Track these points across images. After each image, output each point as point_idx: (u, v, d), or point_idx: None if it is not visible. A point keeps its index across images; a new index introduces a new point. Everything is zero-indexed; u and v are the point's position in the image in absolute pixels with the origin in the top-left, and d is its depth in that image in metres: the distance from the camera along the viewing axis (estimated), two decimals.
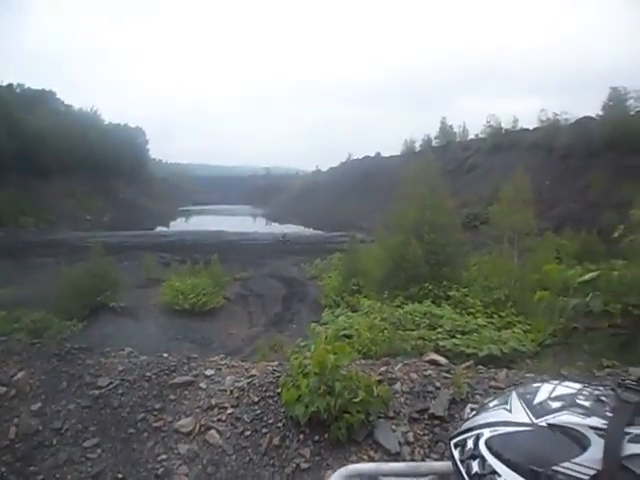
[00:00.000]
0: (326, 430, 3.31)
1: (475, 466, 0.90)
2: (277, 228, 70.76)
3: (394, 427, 3.25)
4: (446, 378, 3.54)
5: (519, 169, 28.25)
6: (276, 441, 3.40)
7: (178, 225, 72.61)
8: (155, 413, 3.74)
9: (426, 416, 3.28)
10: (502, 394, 1.00)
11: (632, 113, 55.45)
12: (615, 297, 5.96)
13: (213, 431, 3.56)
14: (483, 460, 0.89)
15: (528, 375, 3.60)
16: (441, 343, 10.86)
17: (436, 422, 3.20)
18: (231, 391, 3.85)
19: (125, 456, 3.50)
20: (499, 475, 0.86)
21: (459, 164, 67.74)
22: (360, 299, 17.76)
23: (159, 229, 63.84)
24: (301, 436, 3.38)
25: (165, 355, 4.50)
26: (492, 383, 3.46)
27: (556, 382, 0.98)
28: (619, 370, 3.55)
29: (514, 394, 0.97)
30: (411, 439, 3.16)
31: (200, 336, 21.25)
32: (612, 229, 7.47)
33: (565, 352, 8.17)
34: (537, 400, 0.92)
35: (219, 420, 3.62)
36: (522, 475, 0.84)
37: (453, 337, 11.49)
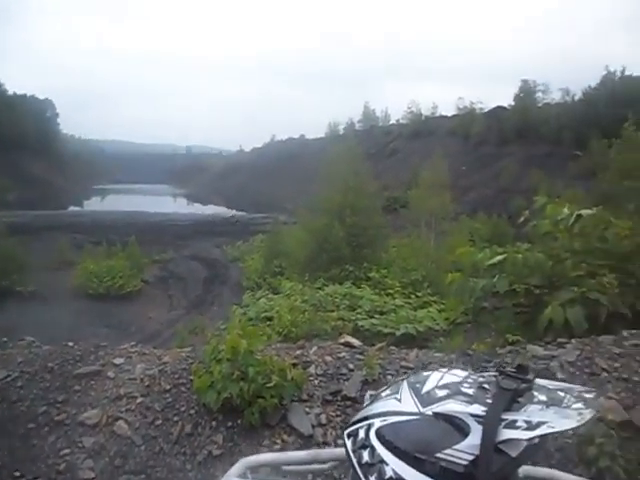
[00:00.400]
0: (239, 416, 3.27)
1: (365, 456, 0.90)
2: (199, 209, 69.15)
3: (307, 410, 3.28)
4: (359, 360, 3.61)
5: (437, 155, 29.35)
6: (188, 429, 3.32)
7: (93, 205, 68.97)
8: (58, 406, 3.53)
9: (339, 398, 3.32)
10: (394, 383, 1.01)
11: (540, 105, 59.12)
12: (519, 278, 6.34)
13: (121, 422, 3.42)
14: (373, 449, 0.90)
15: (436, 354, 3.75)
16: (360, 323, 11.13)
17: (348, 403, 3.26)
18: (141, 379, 3.71)
19: (24, 452, 3.28)
20: (387, 464, 0.87)
21: (381, 148, 69.20)
22: (282, 281, 17.79)
23: (72, 209, 60.34)
24: (214, 423, 3.33)
25: (70, 344, 4.25)
26: (403, 363, 3.57)
27: (444, 370, 1.00)
28: (519, 347, 3.78)
29: (405, 383, 0.99)
30: (324, 421, 3.20)
31: (116, 321, 20.44)
32: (519, 214, 7.90)
33: (475, 330, 8.61)
34: (425, 389, 0.94)
35: (128, 410, 3.47)
36: (408, 463, 0.85)
37: (372, 317, 11.81)
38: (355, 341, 3.99)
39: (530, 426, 0.82)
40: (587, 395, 0.91)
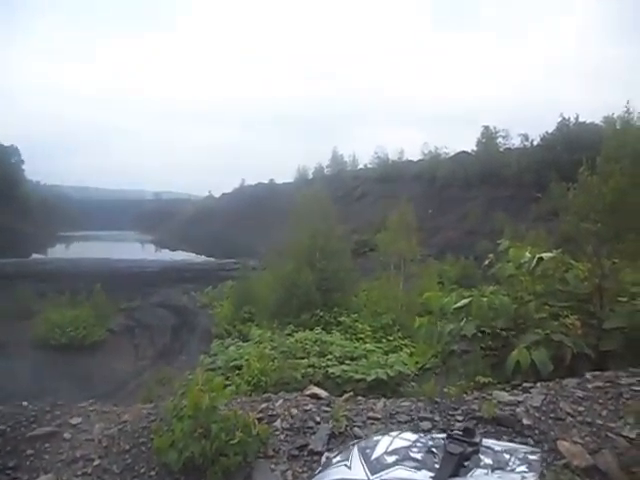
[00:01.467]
0: (202, 475, 3.14)
1: None
2: (168, 255, 68.27)
3: (273, 466, 3.17)
4: (326, 412, 3.54)
5: (404, 198, 29.97)
6: None
7: (57, 252, 67.43)
8: (8, 472, 3.32)
9: (305, 452, 3.23)
10: (346, 449, 1.01)
11: (501, 149, 61.50)
12: (485, 321, 6.42)
13: None
14: None
15: (404, 404, 3.71)
16: (331, 370, 10.97)
17: (315, 458, 3.17)
18: (99, 440, 3.54)
19: None
20: None
21: (349, 192, 70.37)
22: (252, 328, 17.54)
23: (35, 256, 58.77)
24: None
25: (25, 403, 4.05)
26: (370, 414, 3.52)
27: (395, 434, 1.00)
28: (485, 394, 3.78)
29: (355, 449, 0.98)
30: (290, 478, 3.10)
31: (79, 373, 19.63)
32: (485, 256, 8.05)
33: (444, 374, 8.57)
34: (375, 455, 0.94)
35: (84, 474, 3.29)
36: None
37: (342, 363, 11.66)
38: (322, 392, 3.92)
39: None
40: (532, 457, 0.92)
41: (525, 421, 3.24)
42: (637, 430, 2.90)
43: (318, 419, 3.47)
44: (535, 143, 57.42)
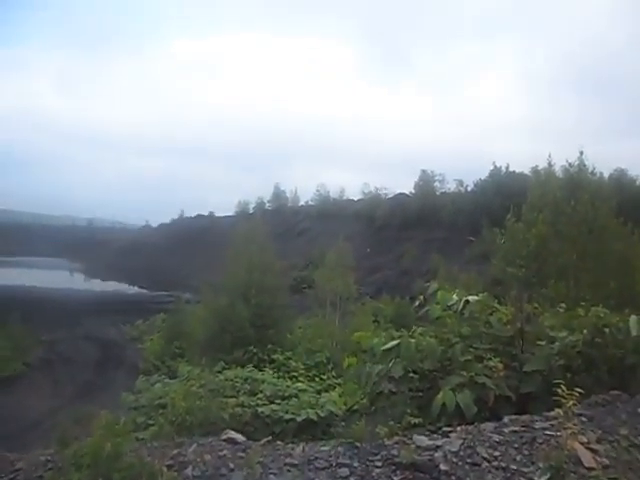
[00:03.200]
0: None
1: None
2: (98, 285, 65.35)
3: None
4: (241, 457, 3.37)
5: (342, 237, 30.34)
6: None
7: None
8: None
9: None
10: None
11: (438, 193, 64.05)
12: (413, 362, 6.45)
13: None
14: None
15: (323, 449, 3.59)
16: (260, 409, 10.64)
17: None
18: None
19: None
20: None
21: (290, 228, 70.61)
22: (181, 364, 16.87)
23: None
24: None
25: None
26: (287, 460, 3.37)
27: None
28: (406, 438, 3.73)
29: None
30: None
31: None
32: (419, 296, 8.15)
33: (373, 415, 8.50)
34: None
35: None
36: None
37: (273, 402, 11.35)
38: (239, 436, 3.74)
39: None
40: None
41: (442, 467, 3.21)
42: (546, 477, 2.93)
43: (232, 466, 3.29)
44: (469, 189, 60.26)
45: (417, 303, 7.88)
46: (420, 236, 54.63)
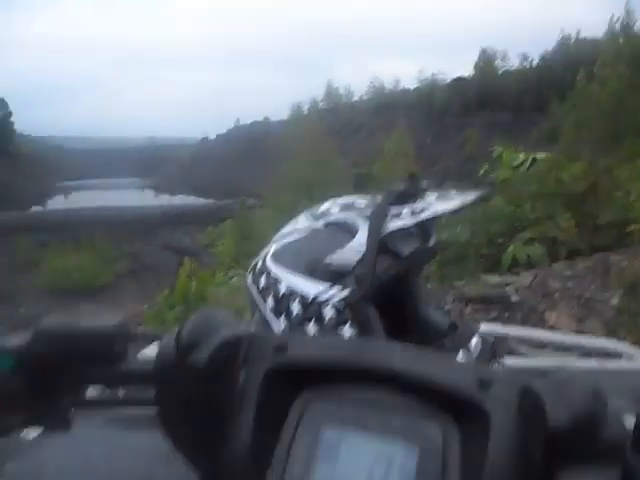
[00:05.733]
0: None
1: (262, 281, 0.90)
2: (167, 200, 68.14)
3: None
4: None
5: (401, 128, 29.43)
6: None
7: (56, 203, 67.18)
8: None
9: None
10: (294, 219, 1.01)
11: (500, 72, 59.78)
12: (480, 226, 6.42)
13: None
14: (268, 273, 0.89)
15: None
16: None
17: None
18: None
19: None
20: (280, 281, 0.86)
21: (346, 124, 69.12)
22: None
23: (34, 208, 58.68)
24: None
25: None
26: None
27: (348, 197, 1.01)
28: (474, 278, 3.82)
29: (304, 212, 0.99)
30: None
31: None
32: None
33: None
34: (321, 210, 0.94)
35: None
36: (300, 274, 0.84)
37: None
38: None
39: (414, 213, 0.81)
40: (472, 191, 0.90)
41: (513, 298, 3.29)
42: (620, 292, 2.94)
43: None
44: (534, 63, 55.71)
45: (481, 172, 7.70)
46: (482, 121, 51.91)
